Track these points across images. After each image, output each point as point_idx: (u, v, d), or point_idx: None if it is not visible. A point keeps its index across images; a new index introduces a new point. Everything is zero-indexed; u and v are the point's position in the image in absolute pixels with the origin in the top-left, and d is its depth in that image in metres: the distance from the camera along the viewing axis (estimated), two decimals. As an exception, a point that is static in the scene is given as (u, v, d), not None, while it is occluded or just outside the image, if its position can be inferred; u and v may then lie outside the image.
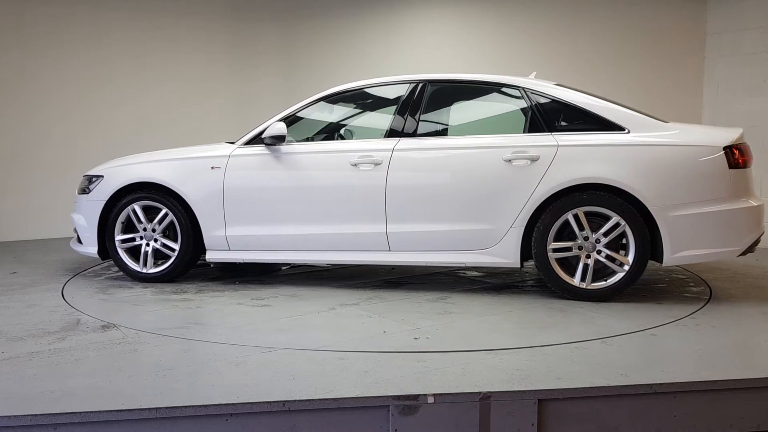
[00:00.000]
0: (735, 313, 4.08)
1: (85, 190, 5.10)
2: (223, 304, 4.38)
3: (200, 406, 2.61)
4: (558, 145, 4.34)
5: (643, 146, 4.26)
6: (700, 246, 4.19)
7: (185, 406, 2.61)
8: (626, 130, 4.31)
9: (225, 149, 4.89)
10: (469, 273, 5.25)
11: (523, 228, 4.34)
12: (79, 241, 5.14)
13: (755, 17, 7.06)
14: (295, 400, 2.66)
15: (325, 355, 3.24)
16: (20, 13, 7.06)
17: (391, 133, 4.65)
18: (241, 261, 4.89)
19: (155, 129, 7.78)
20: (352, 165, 4.58)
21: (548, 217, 4.30)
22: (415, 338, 3.55)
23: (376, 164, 4.54)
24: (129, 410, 2.57)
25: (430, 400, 2.71)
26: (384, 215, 4.54)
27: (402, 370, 3.00)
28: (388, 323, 3.86)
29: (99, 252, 5.00)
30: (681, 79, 7.63)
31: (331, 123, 5.10)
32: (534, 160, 4.33)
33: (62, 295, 4.56)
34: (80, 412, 2.54)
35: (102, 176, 5.06)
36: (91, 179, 5.12)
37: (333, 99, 4.93)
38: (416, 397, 2.71)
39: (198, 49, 7.96)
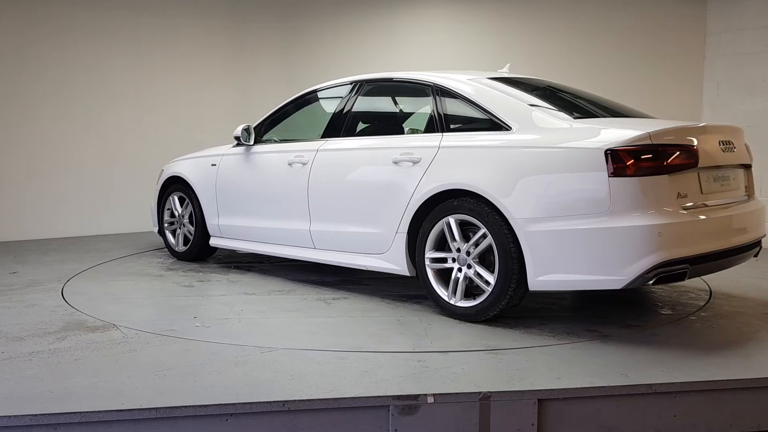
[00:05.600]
0: (735, 313, 4.08)
1: (157, 181, 6.14)
2: (166, 281, 5.04)
3: (200, 406, 2.61)
4: (439, 147, 3.98)
5: (513, 148, 3.68)
6: (567, 270, 3.44)
7: (185, 406, 2.60)
8: (511, 130, 3.76)
9: (224, 149, 5.51)
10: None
11: (406, 234, 4.07)
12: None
13: (755, 17, 7.06)
14: (295, 400, 2.66)
15: (325, 355, 3.24)
16: (20, 14, 7.06)
17: (325, 134, 4.76)
18: (229, 248, 5.51)
19: (155, 129, 7.79)
20: (288, 164, 4.81)
21: (427, 224, 3.97)
22: (197, 326, 3.78)
23: (303, 164, 4.70)
24: (129, 410, 2.57)
25: (430, 400, 2.71)
26: (308, 213, 4.68)
27: (402, 370, 3.00)
28: (221, 312, 4.12)
29: (158, 231, 6.12)
30: (681, 78, 7.63)
31: (298, 123, 5.27)
32: (416, 162, 4.04)
33: (62, 295, 4.56)
34: (80, 412, 2.54)
35: (162, 170, 6.09)
36: (160, 172, 6.14)
37: (304, 101, 5.15)
38: (416, 397, 2.71)
39: (198, 49, 7.97)
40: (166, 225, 6.02)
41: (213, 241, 5.58)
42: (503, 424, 2.74)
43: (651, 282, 3.32)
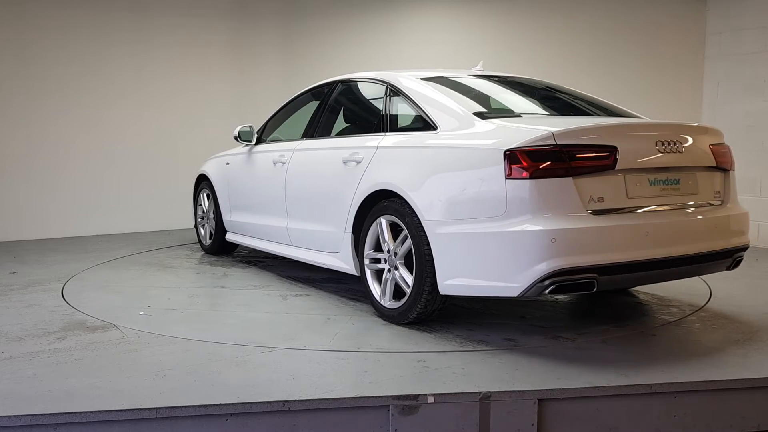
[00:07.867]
0: (735, 313, 4.08)
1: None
2: (169, 273, 5.32)
3: (200, 406, 2.61)
4: (377, 147, 3.93)
5: (427, 149, 3.62)
6: (467, 275, 3.31)
7: (185, 406, 2.61)
8: (437, 129, 3.65)
9: (238, 149, 5.70)
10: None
11: (351, 233, 4.05)
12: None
13: (755, 17, 7.06)
14: (295, 400, 2.66)
15: (325, 355, 3.24)
16: (20, 15, 7.06)
17: (303, 134, 4.87)
18: (237, 243, 5.78)
19: (154, 130, 7.79)
20: (273, 163, 4.98)
21: (366, 224, 3.93)
22: (141, 313, 4.02)
23: (283, 163, 4.83)
24: (129, 410, 2.57)
25: (430, 400, 2.71)
26: (285, 211, 4.79)
27: (402, 370, 3.00)
28: (178, 302, 4.29)
29: (194, 225, 6.49)
30: (681, 78, 7.64)
31: (291, 124, 5.39)
32: (359, 162, 4.02)
33: (62, 295, 4.56)
34: (80, 412, 2.54)
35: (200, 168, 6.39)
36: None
37: (298, 102, 5.29)
38: (416, 397, 2.71)
39: (198, 49, 7.97)
40: (198, 220, 6.37)
41: (228, 236, 5.87)
42: (503, 424, 2.74)
43: (548, 291, 3.09)
